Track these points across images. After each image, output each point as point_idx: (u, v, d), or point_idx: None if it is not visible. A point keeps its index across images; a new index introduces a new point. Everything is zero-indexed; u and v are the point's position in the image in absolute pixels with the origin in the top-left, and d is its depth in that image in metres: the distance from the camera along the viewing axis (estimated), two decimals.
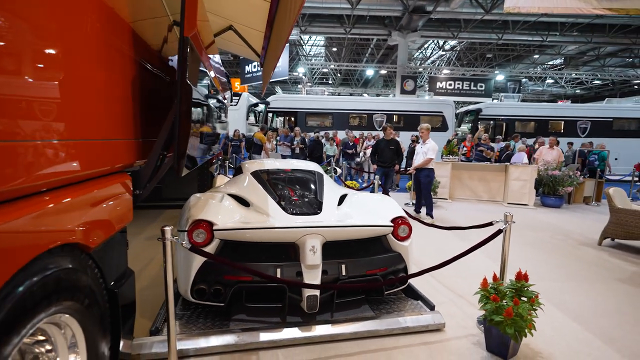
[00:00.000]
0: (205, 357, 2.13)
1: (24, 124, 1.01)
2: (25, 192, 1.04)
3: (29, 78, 1.02)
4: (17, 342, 0.97)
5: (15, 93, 0.97)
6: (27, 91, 1.02)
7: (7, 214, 0.94)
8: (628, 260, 4.29)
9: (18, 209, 0.99)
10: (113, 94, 1.60)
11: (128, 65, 1.77)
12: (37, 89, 1.06)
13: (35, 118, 1.06)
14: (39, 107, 1.07)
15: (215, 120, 3.61)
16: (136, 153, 1.87)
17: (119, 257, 1.78)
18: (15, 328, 0.96)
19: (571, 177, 7.52)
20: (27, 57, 1.02)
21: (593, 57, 21.52)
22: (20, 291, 0.97)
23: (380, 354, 2.23)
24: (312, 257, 2.27)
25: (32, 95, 1.04)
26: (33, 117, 1.04)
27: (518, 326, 2.03)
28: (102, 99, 1.48)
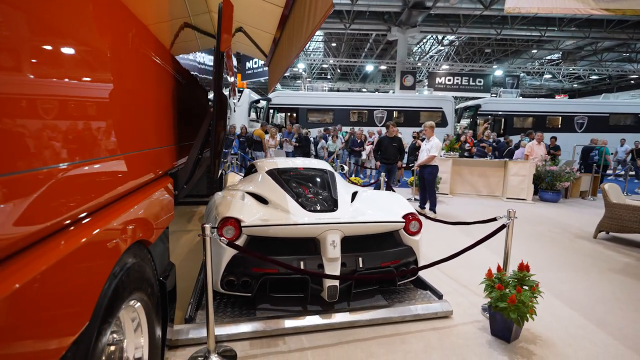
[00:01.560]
0: (237, 342, 2.34)
1: (107, 143, 1.20)
2: (116, 197, 1.23)
3: (115, 115, 1.21)
4: (112, 322, 1.17)
5: (103, 121, 1.15)
6: (112, 119, 1.21)
7: (99, 221, 1.13)
8: (621, 252, 4.53)
9: (114, 211, 1.18)
10: (164, 107, 1.78)
11: (172, 80, 1.95)
12: (119, 118, 1.25)
13: (113, 135, 1.25)
14: (119, 128, 1.26)
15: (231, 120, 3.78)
16: (177, 157, 2.06)
17: (164, 252, 1.97)
18: (112, 313, 1.15)
19: (568, 172, 7.75)
20: (119, 99, 1.20)
21: (590, 51, 21.69)
22: (115, 282, 1.16)
23: (395, 338, 2.45)
24: (332, 251, 2.48)
25: (115, 120, 1.23)
26: (113, 136, 1.24)
27: (520, 312, 2.25)
28: (157, 114, 1.66)
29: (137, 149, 1.44)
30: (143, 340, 1.55)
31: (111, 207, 1.21)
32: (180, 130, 2.14)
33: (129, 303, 1.38)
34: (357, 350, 2.32)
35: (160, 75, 1.86)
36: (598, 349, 2.42)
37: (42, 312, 0.77)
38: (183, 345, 2.27)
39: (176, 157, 2.08)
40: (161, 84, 1.85)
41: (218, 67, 2.00)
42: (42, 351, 0.78)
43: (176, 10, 2.17)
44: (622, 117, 14.35)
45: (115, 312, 1.17)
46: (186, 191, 2.15)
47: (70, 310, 0.89)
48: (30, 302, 0.73)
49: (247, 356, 2.21)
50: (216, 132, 2.01)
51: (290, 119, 14.17)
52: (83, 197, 1.00)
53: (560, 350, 2.38)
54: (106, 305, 1.09)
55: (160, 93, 1.82)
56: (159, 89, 1.80)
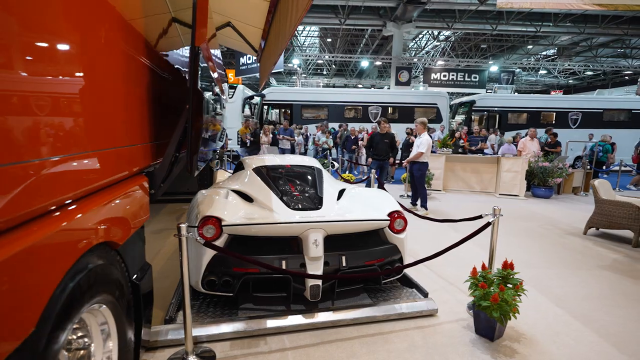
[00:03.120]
0: (217, 342, 2.31)
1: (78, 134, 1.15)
2: (76, 197, 1.18)
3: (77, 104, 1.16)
4: (69, 327, 1.12)
5: (59, 113, 1.10)
6: (75, 108, 1.15)
7: (56, 220, 1.08)
8: (610, 248, 4.54)
9: (71, 213, 1.13)
10: (134, 103, 1.72)
11: (146, 74, 1.90)
12: (80, 106, 1.19)
13: (72, 134, 1.19)
14: (76, 125, 1.21)
15: (217, 117, 3.73)
16: (152, 155, 2.01)
17: (138, 252, 1.93)
18: (69, 316, 1.11)
19: (561, 168, 7.76)
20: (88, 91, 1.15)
21: (586, 47, 21.70)
22: (71, 286, 1.12)
23: (378, 338, 2.43)
24: (314, 250, 2.44)
25: (78, 110, 1.18)
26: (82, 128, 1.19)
27: (503, 310, 2.23)
28: (126, 109, 1.61)
29: (102, 147, 1.39)
30: (112, 344, 1.51)
31: (69, 207, 1.17)
32: (157, 128, 2.09)
33: (92, 306, 1.34)
34: (338, 350, 2.29)
35: (133, 69, 1.80)
36: (582, 347, 2.41)
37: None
38: (162, 347, 2.24)
39: (152, 155, 2.03)
40: (134, 78, 1.80)
41: (193, 63, 1.95)
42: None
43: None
44: (616, 113, 14.37)
45: (72, 317, 1.13)
46: (163, 190, 2.10)
47: (12, 316, 0.85)
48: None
49: (226, 357, 2.18)
50: (192, 129, 1.97)
51: (285, 115, 14.09)
52: (34, 196, 0.95)
53: (544, 348, 2.36)
54: (59, 310, 1.04)
55: (133, 88, 1.77)
56: (132, 84, 1.74)
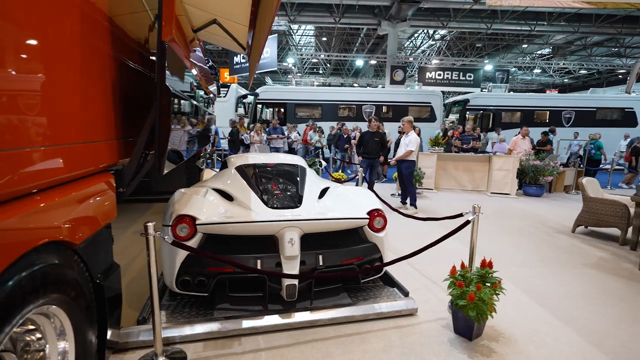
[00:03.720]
0: (190, 343, 2.27)
1: (10, 130, 1.10)
2: (13, 195, 1.14)
3: (18, 84, 1.11)
4: (8, 330, 1.08)
5: None
6: (14, 99, 1.11)
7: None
8: (597, 246, 4.53)
9: (6, 211, 1.09)
10: (94, 97, 1.68)
11: (112, 67, 1.85)
12: (22, 97, 1.15)
13: (22, 124, 1.15)
14: (26, 114, 1.16)
15: (199, 115, 3.68)
16: (119, 153, 1.96)
17: (104, 252, 1.88)
18: (5, 318, 1.07)
19: (552, 166, 7.75)
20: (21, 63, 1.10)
21: (580, 46, 21.76)
22: (10, 285, 1.07)
23: (355, 338, 2.40)
24: (290, 249, 2.41)
25: (18, 102, 1.13)
26: (19, 124, 1.14)
27: (480, 309, 2.20)
28: (84, 104, 1.56)
29: (56, 142, 1.35)
30: (68, 345, 1.47)
31: (10, 204, 1.12)
32: (126, 125, 2.04)
33: (42, 308, 1.29)
34: (314, 350, 2.26)
35: (99, 64, 1.76)
36: (561, 346, 2.38)
37: None
38: (134, 348, 2.19)
39: (120, 153, 1.98)
40: (100, 74, 1.76)
41: (160, 59, 1.90)
42: None
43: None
44: (609, 112, 14.41)
45: (11, 319, 1.09)
46: (131, 189, 2.06)
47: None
48: None
49: (198, 358, 2.14)
50: (160, 128, 1.92)
51: (278, 114, 14.04)
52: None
53: (522, 348, 2.34)
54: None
55: (98, 85, 1.73)
56: (96, 80, 1.70)
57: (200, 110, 3.75)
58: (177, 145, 2.43)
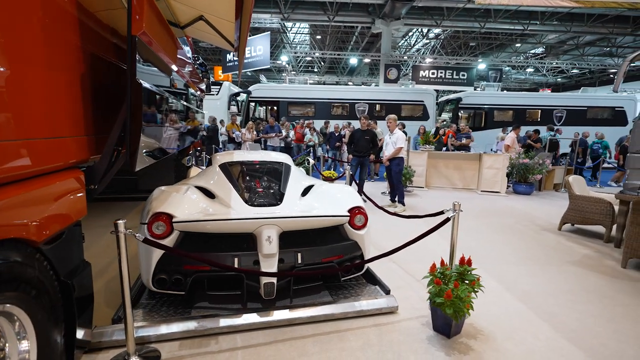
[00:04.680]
0: (166, 342, 2.24)
1: None
2: None
3: None
4: None
5: None
6: None
7: None
8: (582, 243, 4.55)
9: None
10: (60, 92, 1.64)
11: (83, 61, 1.81)
12: None
13: None
14: None
15: (181, 112, 3.63)
16: (89, 149, 1.92)
17: (72, 250, 1.85)
18: None
19: (541, 165, 7.79)
20: None
21: (572, 46, 21.91)
22: None
23: (333, 336, 2.38)
24: (268, 247, 2.38)
25: None
26: None
27: (456, 307, 2.20)
28: (48, 99, 1.53)
29: (17, 137, 1.31)
30: (29, 345, 1.44)
31: None
32: (98, 121, 2.01)
33: None
34: (291, 348, 2.24)
35: (71, 58, 1.72)
36: (539, 343, 2.39)
37: None
38: (107, 347, 2.16)
39: (91, 150, 1.94)
40: (69, 67, 1.72)
41: (131, 54, 1.87)
42: None
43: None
44: (599, 111, 14.53)
45: None
46: (103, 186, 2.02)
47: None
48: None
49: (173, 357, 2.11)
50: (132, 124, 1.89)
51: (272, 112, 13.98)
52: None
53: (500, 345, 2.34)
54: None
55: (66, 77, 1.69)
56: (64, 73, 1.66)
57: (183, 107, 3.71)
58: (154, 142, 2.39)
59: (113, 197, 5.86)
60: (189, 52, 6.27)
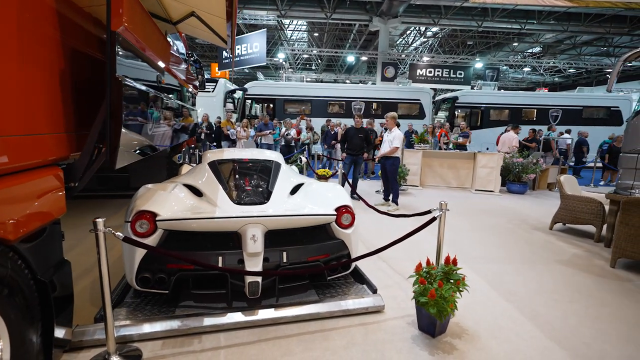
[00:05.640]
0: (148, 341, 2.23)
1: None
2: None
3: None
4: None
5: None
6: None
7: None
8: (572, 243, 4.57)
9: None
10: (37, 88, 1.62)
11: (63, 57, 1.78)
12: None
13: None
14: None
15: (169, 109, 3.58)
16: (69, 146, 1.90)
17: (50, 249, 1.83)
18: None
19: (535, 164, 7.81)
20: None
21: (570, 45, 21.94)
22: None
23: (317, 335, 2.38)
24: (252, 246, 2.37)
25: None
26: None
27: (440, 306, 2.19)
28: (22, 95, 1.51)
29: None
30: (2, 345, 1.42)
31: None
32: (78, 118, 1.98)
33: None
34: (274, 347, 2.23)
35: (50, 54, 1.70)
36: (523, 342, 2.39)
37: None
38: (89, 347, 2.14)
39: (71, 146, 1.92)
40: (47, 63, 1.70)
41: (110, 50, 1.84)
42: None
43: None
44: (595, 110, 14.58)
45: None
46: (83, 184, 2.00)
47: None
48: None
49: (155, 357, 2.10)
50: (112, 121, 1.87)
51: (267, 110, 13.94)
52: None
53: (484, 344, 2.34)
54: None
55: (43, 73, 1.66)
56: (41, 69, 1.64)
57: (171, 103, 3.68)
58: (137, 139, 2.36)
59: (105, 194, 5.83)
60: (182, 49, 6.23)
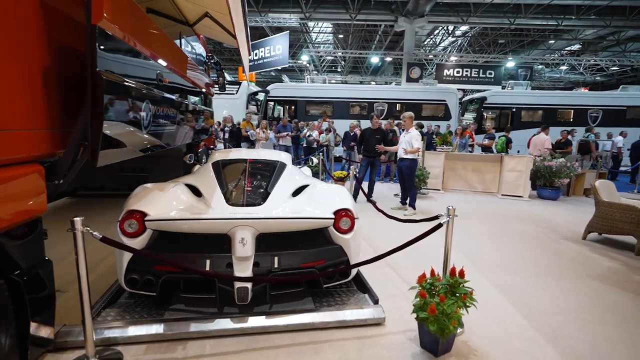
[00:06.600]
0: (133, 345, 2.16)
1: None
2: None
3: None
4: None
5: None
6: None
7: None
8: (608, 255, 4.13)
9: None
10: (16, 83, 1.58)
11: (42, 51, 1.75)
12: None
13: None
14: None
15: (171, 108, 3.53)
16: (53, 143, 1.87)
17: (29, 247, 1.79)
18: None
19: (569, 168, 7.24)
20: None
21: (613, 41, 20.48)
22: None
23: (308, 347, 2.22)
24: (241, 249, 2.26)
25: None
26: None
27: (441, 323, 1.98)
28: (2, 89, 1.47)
29: None
30: None
31: None
32: (61, 114, 1.94)
33: None
34: (261, 359, 2.10)
35: (33, 49, 1.67)
36: None
37: None
38: (73, 348, 2.10)
39: (54, 144, 1.89)
40: (31, 59, 1.67)
41: (91, 44, 1.79)
42: None
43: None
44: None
45: None
46: (68, 181, 1.96)
47: None
48: None
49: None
50: (93, 118, 1.81)
51: (289, 111, 13.94)
52: None
53: None
54: None
55: (20, 69, 1.63)
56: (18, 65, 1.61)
57: (176, 103, 3.65)
58: (126, 138, 2.31)
59: (114, 193, 5.91)
60: (200, 49, 6.29)
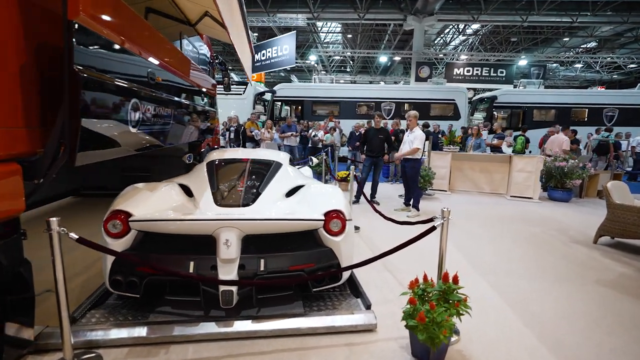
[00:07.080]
0: (115, 348, 2.12)
1: None
2: None
3: None
4: None
5: None
6: None
7: None
8: (620, 260, 3.93)
9: None
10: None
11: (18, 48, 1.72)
12: None
13: None
14: None
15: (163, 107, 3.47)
16: (31, 142, 1.83)
17: (6, 248, 1.76)
18: None
19: (581, 169, 6.99)
20: None
21: (631, 38, 19.83)
22: None
23: (295, 354, 2.14)
24: (225, 251, 2.19)
25: None
26: None
27: (430, 332, 1.87)
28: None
29: None
30: None
31: None
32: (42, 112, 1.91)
33: None
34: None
35: (8, 45, 1.64)
36: None
37: None
38: (54, 350, 2.07)
39: (34, 143, 1.85)
40: (6, 55, 1.63)
41: (67, 39, 1.75)
42: None
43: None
44: None
45: None
46: (48, 180, 1.93)
47: None
48: None
49: None
50: (70, 117, 1.77)
51: (296, 112, 13.90)
52: None
53: None
54: None
55: (2, 66, 1.60)
56: None
57: (172, 102, 3.61)
58: (109, 137, 2.27)
59: (113, 192, 5.92)
60: (203, 49, 6.27)
